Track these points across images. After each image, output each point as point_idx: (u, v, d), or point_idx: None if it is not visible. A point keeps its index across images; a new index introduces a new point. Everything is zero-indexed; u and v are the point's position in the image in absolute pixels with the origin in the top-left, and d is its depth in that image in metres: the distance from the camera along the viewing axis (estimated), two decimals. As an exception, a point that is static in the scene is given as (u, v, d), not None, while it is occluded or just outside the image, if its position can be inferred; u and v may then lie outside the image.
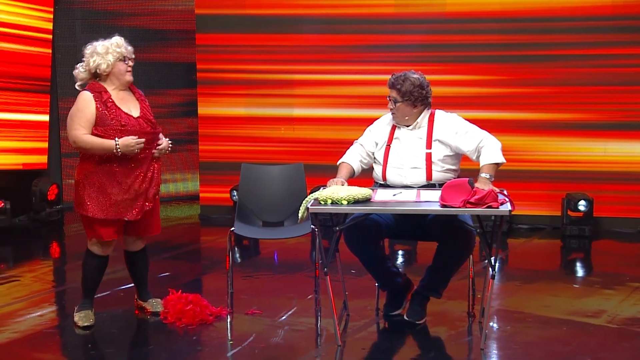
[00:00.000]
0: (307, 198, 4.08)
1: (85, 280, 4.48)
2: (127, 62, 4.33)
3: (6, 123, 7.33)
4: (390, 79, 4.37)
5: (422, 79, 4.35)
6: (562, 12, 6.80)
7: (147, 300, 4.64)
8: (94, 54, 4.27)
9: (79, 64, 4.36)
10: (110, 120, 4.20)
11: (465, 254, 4.30)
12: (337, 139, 5.24)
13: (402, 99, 4.30)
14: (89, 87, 4.29)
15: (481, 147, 4.24)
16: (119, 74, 4.30)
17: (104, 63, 4.25)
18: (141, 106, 4.40)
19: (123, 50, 4.31)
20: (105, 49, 4.26)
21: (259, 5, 7.35)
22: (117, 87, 4.32)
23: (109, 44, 4.29)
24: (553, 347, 4.10)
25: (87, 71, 4.32)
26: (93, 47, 4.30)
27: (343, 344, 4.14)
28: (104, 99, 4.23)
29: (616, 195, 6.91)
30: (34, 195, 7.46)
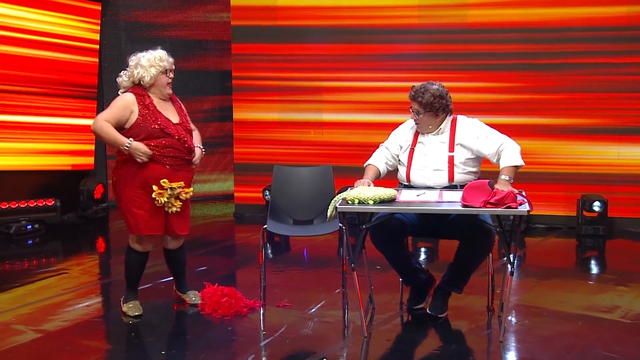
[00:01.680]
0: (335, 198, 4.08)
1: (128, 274, 4.53)
2: (169, 75, 4.33)
3: (57, 127, 7.42)
4: (411, 91, 4.33)
5: (441, 89, 4.30)
6: (579, 23, 6.72)
7: (185, 293, 4.68)
8: (138, 66, 4.27)
9: (123, 72, 4.37)
10: (150, 122, 4.20)
11: (485, 251, 4.27)
12: (363, 142, 5.22)
13: (424, 111, 4.27)
14: (132, 90, 4.30)
15: (501, 151, 4.21)
16: (160, 86, 4.31)
17: (147, 75, 4.26)
18: (180, 115, 4.41)
19: (165, 64, 4.30)
20: (149, 62, 4.26)
21: (291, 17, 7.36)
22: (158, 97, 4.33)
23: (153, 57, 4.28)
24: (569, 340, 4.05)
25: (130, 80, 4.32)
26: (137, 58, 4.30)
27: (369, 336, 4.14)
28: (146, 102, 4.24)
29: (629, 197, 6.81)
30: (81, 194, 7.53)
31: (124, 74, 4.36)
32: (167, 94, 4.36)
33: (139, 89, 4.30)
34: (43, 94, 7.24)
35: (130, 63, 4.32)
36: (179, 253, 4.62)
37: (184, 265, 4.69)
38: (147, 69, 4.25)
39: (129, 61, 4.34)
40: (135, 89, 4.29)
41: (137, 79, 4.28)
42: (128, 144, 4.15)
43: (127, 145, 4.16)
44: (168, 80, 4.33)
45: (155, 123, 4.22)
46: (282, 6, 7.36)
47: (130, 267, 4.50)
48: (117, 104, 4.23)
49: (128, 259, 4.50)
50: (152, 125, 4.21)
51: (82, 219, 7.51)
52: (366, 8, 7.17)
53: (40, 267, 5.88)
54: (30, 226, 6.84)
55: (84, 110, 7.70)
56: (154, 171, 4.23)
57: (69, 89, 7.50)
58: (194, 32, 8.32)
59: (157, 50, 4.35)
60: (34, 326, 4.33)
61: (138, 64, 4.28)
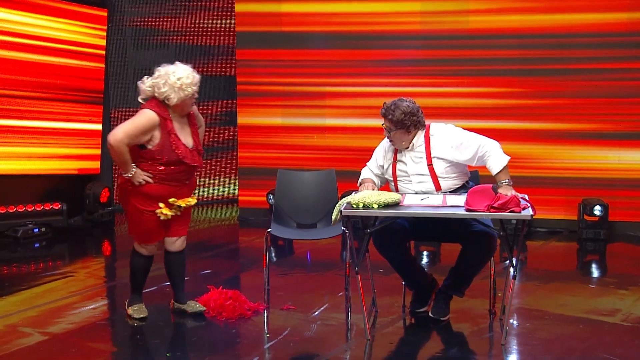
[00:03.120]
0: (340, 202, 4.07)
1: (132, 277, 4.51)
2: (194, 96, 4.19)
3: (63, 132, 7.43)
4: (382, 109, 4.26)
5: (412, 105, 4.23)
6: (579, 29, 6.72)
7: (185, 303, 4.57)
8: (166, 84, 4.05)
9: (147, 78, 4.16)
10: (170, 152, 4.12)
11: (488, 255, 4.26)
12: (365, 146, 5.21)
13: (395, 128, 4.22)
14: (156, 110, 4.09)
15: (482, 155, 4.15)
16: (184, 108, 4.18)
17: (175, 98, 4.06)
18: (194, 136, 4.29)
19: (195, 89, 4.13)
20: (180, 85, 4.05)
21: (294, 23, 7.37)
22: (178, 115, 4.20)
23: (186, 81, 4.06)
24: (570, 343, 4.04)
25: (152, 91, 4.13)
26: (166, 75, 4.07)
27: (372, 338, 4.13)
28: (169, 128, 4.11)
29: (630, 201, 6.80)
30: (87, 198, 7.54)
31: (147, 81, 4.15)
32: (187, 113, 4.25)
33: (162, 108, 4.11)
34: (50, 99, 7.25)
35: (159, 76, 4.10)
36: (179, 257, 4.52)
37: (183, 270, 4.57)
38: (175, 91, 4.05)
39: (156, 71, 4.14)
40: (159, 108, 4.10)
41: (162, 97, 4.08)
42: (131, 173, 4.12)
43: (130, 174, 4.12)
44: (193, 101, 4.21)
45: (175, 153, 4.12)
46: (286, 12, 7.37)
47: (135, 270, 4.49)
48: (140, 126, 4.05)
49: (133, 262, 4.49)
50: (171, 154, 4.12)
51: (88, 223, 7.51)
52: (369, 14, 7.18)
53: (46, 270, 5.88)
54: (37, 229, 6.85)
55: (90, 115, 7.72)
56: (162, 189, 4.20)
57: (75, 94, 7.51)
58: (199, 38, 8.33)
59: (187, 71, 4.11)
60: (40, 328, 4.33)
61: (167, 82, 4.06)
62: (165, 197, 4.23)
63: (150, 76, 4.18)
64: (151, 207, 4.23)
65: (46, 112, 7.23)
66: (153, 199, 4.21)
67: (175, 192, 4.26)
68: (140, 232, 4.34)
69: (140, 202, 4.22)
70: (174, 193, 4.25)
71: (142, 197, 4.21)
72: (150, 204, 4.23)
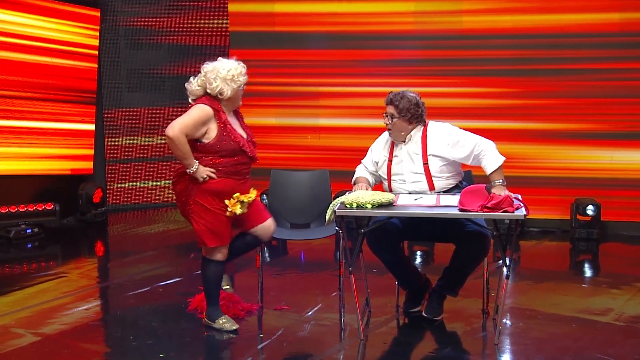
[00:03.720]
0: (333, 202, 4.07)
1: (210, 288, 4.29)
2: (243, 88, 4.19)
3: (56, 132, 7.41)
4: (389, 96, 4.32)
5: (418, 98, 4.31)
6: (572, 29, 6.73)
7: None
8: (217, 79, 4.06)
9: (194, 79, 4.16)
10: (229, 141, 4.08)
11: (482, 255, 4.27)
12: (359, 146, 5.22)
13: (399, 115, 4.25)
14: (208, 103, 4.08)
15: (477, 154, 4.17)
16: (235, 100, 4.18)
17: (228, 90, 4.06)
18: (245, 129, 4.28)
19: (245, 79, 4.15)
20: (232, 76, 4.06)
21: (288, 23, 7.37)
22: (228, 109, 4.18)
23: (236, 72, 4.09)
24: (563, 342, 4.05)
25: (202, 89, 4.13)
26: (215, 69, 4.09)
27: (365, 338, 4.13)
28: (223, 119, 4.09)
29: (622, 201, 6.82)
30: (80, 198, 7.52)
31: (195, 81, 4.15)
32: (237, 106, 4.24)
33: (214, 102, 4.09)
34: (42, 99, 7.24)
35: (206, 72, 4.11)
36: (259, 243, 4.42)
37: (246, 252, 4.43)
38: (228, 83, 4.06)
39: (202, 69, 4.13)
40: (211, 102, 4.08)
41: (214, 91, 4.07)
42: (195, 168, 4.05)
43: (194, 169, 4.05)
44: (241, 94, 4.21)
45: (234, 142, 4.09)
46: (279, 12, 7.37)
47: (212, 280, 4.25)
48: (196, 118, 4.03)
49: (208, 271, 4.24)
50: (230, 144, 4.09)
51: (81, 223, 7.49)
52: (363, 14, 7.18)
53: (39, 270, 5.87)
54: (30, 230, 6.82)
55: (82, 115, 7.70)
56: (226, 184, 4.12)
57: (68, 94, 7.49)
58: (192, 38, 8.32)
59: (235, 62, 4.14)
60: (32, 329, 4.31)
61: (217, 76, 4.06)
62: (229, 192, 4.12)
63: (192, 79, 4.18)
64: (219, 204, 4.13)
65: (39, 112, 7.21)
66: (218, 195, 4.12)
67: (239, 187, 4.16)
68: (212, 235, 4.15)
69: (207, 201, 4.12)
70: (238, 188, 4.16)
71: (208, 195, 4.11)
72: (217, 201, 4.12)
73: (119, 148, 8.22)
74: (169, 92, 8.23)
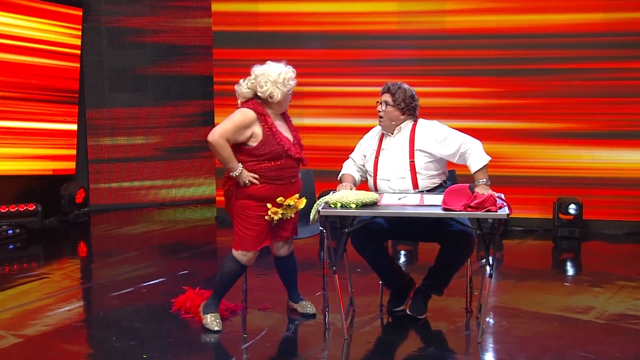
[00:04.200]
0: (318, 201, 4.08)
1: (221, 283, 4.32)
2: (291, 92, 4.20)
3: (38, 132, 7.36)
4: (386, 85, 4.43)
5: (413, 92, 4.40)
6: (555, 29, 6.78)
7: (297, 302, 4.56)
8: (268, 82, 4.06)
9: (243, 81, 4.17)
10: (275, 145, 4.07)
11: (466, 255, 4.29)
12: (343, 146, 5.22)
13: (393, 104, 4.32)
14: (252, 107, 4.09)
15: (464, 152, 4.21)
16: (284, 104, 4.17)
17: (278, 93, 4.07)
18: (292, 130, 4.26)
19: (295, 83, 4.16)
20: (282, 80, 4.07)
21: (271, 22, 7.36)
22: (276, 112, 4.17)
23: (287, 76, 4.10)
24: (545, 341, 4.08)
25: (252, 92, 4.13)
26: (266, 73, 4.09)
27: (349, 338, 4.13)
28: (269, 123, 4.08)
29: (604, 200, 6.88)
30: (63, 199, 7.47)
31: (244, 83, 4.15)
32: (285, 110, 4.24)
33: (259, 106, 4.10)
34: (24, 99, 7.18)
35: (257, 75, 4.11)
36: (289, 261, 4.48)
37: (295, 272, 4.53)
38: (278, 87, 4.06)
39: (253, 72, 4.13)
40: (256, 106, 4.10)
41: (266, 95, 4.07)
42: (238, 172, 4.07)
43: (237, 173, 4.07)
44: (290, 97, 4.21)
45: (279, 145, 4.08)
46: (263, 12, 7.36)
47: (227, 276, 4.28)
48: (237, 122, 4.04)
49: (227, 267, 4.26)
50: (275, 148, 4.07)
51: (63, 224, 7.44)
52: (346, 14, 7.19)
53: (21, 271, 5.82)
54: (12, 231, 6.77)
55: (65, 115, 7.65)
56: (268, 189, 4.12)
57: (50, 94, 7.44)
58: (175, 38, 8.29)
59: (285, 67, 4.16)
60: (14, 331, 4.28)
61: (268, 79, 4.06)
62: (272, 197, 4.12)
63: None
64: (259, 210, 4.13)
65: (21, 112, 7.15)
66: (260, 200, 4.11)
67: (283, 192, 4.15)
68: (245, 238, 4.17)
69: (247, 205, 4.13)
70: (281, 192, 4.15)
71: (249, 199, 4.12)
72: (258, 207, 4.13)
73: (102, 148, 8.17)
74: (152, 91, 8.20)
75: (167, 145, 8.40)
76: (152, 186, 8.43)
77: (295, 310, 4.56)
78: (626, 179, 6.80)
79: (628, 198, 6.79)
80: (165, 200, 8.47)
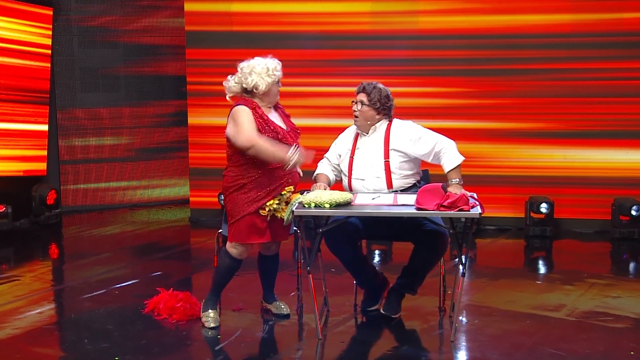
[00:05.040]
0: (292, 202, 4.08)
1: (217, 279, 4.36)
2: (279, 84, 4.23)
3: (8, 132, 7.26)
4: (361, 84, 4.44)
5: (388, 92, 4.42)
6: (526, 30, 6.85)
7: (272, 303, 4.56)
8: (252, 73, 4.13)
9: (231, 77, 4.23)
10: (268, 132, 4.09)
11: (439, 254, 4.32)
12: (317, 146, 5.22)
13: (369, 103, 4.33)
14: (242, 102, 4.15)
15: (438, 152, 4.25)
16: (272, 95, 4.20)
17: (262, 84, 4.12)
18: (285, 120, 4.29)
19: (280, 74, 4.19)
20: (266, 70, 4.13)
21: (245, 22, 7.34)
22: (266, 105, 4.20)
23: (271, 67, 4.16)
24: (517, 339, 4.12)
25: (239, 85, 4.18)
26: (251, 65, 4.16)
27: (324, 338, 4.14)
28: (260, 113, 4.12)
29: (575, 199, 6.96)
30: (33, 200, 7.38)
31: (232, 79, 4.21)
32: (275, 102, 4.26)
33: (249, 100, 4.16)
34: (-6, 99, 7.08)
35: (242, 68, 4.17)
36: (274, 261, 4.48)
37: (275, 273, 4.54)
38: (263, 77, 4.12)
39: (239, 67, 4.19)
40: (246, 100, 4.16)
41: (250, 86, 4.13)
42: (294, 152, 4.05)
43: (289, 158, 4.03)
44: (278, 88, 4.24)
45: (273, 133, 4.10)
46: (236, 12, 7.33)
47: (222, 271, 4.33)
48: (246, 118, 4.07)
49: (220, 262, 4.32)
50: (269, 135, 4.08)
51: (34, 225, 7.35)
52: (319, 14, 7.19)
53: (-9, 274, 5.74)
54: (-19, 233, 6.67)
55: (35, 116, 7.56)
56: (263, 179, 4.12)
57: (20, 94, 7.34)
58: (147, 37, 8.23)
59: (270, 59, 4.21)
60: (-16, 334, 4.22)
61: (253, 71, 4.13)
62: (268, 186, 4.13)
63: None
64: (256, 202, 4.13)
65: (-10, 112, 7.06)
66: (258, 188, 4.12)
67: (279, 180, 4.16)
68: (238, 229, 4.17)
69: (240, 198, 4.14)
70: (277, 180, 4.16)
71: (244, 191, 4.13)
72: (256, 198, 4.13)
73: (73, 149, 8.09)
74: (125, 91, 8.13)
75: (140, 146, 8.34)
76: (124, 187, 8.36)
77: (270, 311, 4.55)
78: (596, 177, 6.89)
79: (598, 197, 6.88)
80: (139, 201, 8.41)
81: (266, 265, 4.50)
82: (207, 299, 4.39)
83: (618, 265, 6.21)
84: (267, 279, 4.56)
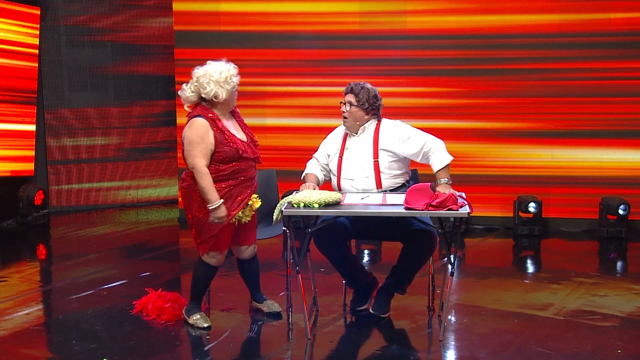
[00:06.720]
0: (281, 201, 4.07)
1: (196, 287, 4.32)
2: (237, 89, 4.14)
3: (-5, 132, 7.23)
4: (349, 85, 4.42)
5: (377, 91, 4.42)
6: (513, 30, 6.87)
7: (262, 302, 4.54)
8: (210, 82, 4.01)
9: (186, 86, 4.12)
10: (227, 147, 4.02)
11: (428, 253, 4.33)
12: (306, 146, 5.23)
13: (357, 104, 4.33)
14: (201, 113, 4.05)
15: (427, 152, 4.25)
16: (231, 103, 4.12)
17: (222, 93, 4.01)
18: (244, 129, 4.22)
19: (238, 80, 4.11)
20: (225, 78, 4.02)
21: (233, 22, 7.32)
22: (224, 112, 4.13)
23: (229, 74, 4.04)
24: (505, 337, 4.13)
25: (196, 95, 4.08)
26: (208, 73, 4.04)
27: (313, 338, 4.14)
28: (220, 126, 4.03)
29: (563, 198, 6.99)
30: (21, 201, 7.33)
31: (188, 88, 4.10)
32: (232, 107, 4.19)
33: (207, 109, 4.06)
34: (-20, 98, 7.03)
35: (198, 77, 4.06)
36: (253, 263, 4.45)
37: (257, 274, 4.51)
38: (222, 86, 4.01)
39: (194, 74, 4.08)
40: (203, 110, 4.06)
41: (209, 95, 4.02)
42: (216, 205, 3.97)
43: (214, 206, 3.97)
44: (236, 95, 4.16)
45: (232, 147, 4.03)
46: (224, 12, 7.32)
47: (200, 280, 4.29)
48: (200, 135, 3.97)
49: (198, 271, 4.27)
50: (228, 150, 4.02)
51: (21, 226, 7.31)
52: (308, 14, 7.19)
53: (-22, 275, 5.70)
54: (-32, 234, 6.63)
55: (23, 116, 7.51)
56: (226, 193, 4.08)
57: (7, 94, 7.30)
58: (136, 37, 8.19)
59: (225, 64, 4.10)
60: (-29, 336, 4.19)
61: (210, 80, 4.01)
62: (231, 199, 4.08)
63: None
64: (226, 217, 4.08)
65: (-24, 112, 7.01)
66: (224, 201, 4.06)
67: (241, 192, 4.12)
68: (209, 240, 4.13)
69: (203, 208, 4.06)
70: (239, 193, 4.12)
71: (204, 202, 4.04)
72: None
73: (61, 149, 8.04)
74: (113, 91, 8.09)
75: (129, 146, 8.30)
76: (113, 187, 8.32)
77: (261, 310, 4.54)
78: (584, 177, 6.92)
79: (585, 196, 6.91)
80: (127, 202, 8.37)
81: (246, 268, 4.48)
82: (190, 307, 4.35)
83: (605, 264, 6.24)
84: (251, 280, 4.54)
